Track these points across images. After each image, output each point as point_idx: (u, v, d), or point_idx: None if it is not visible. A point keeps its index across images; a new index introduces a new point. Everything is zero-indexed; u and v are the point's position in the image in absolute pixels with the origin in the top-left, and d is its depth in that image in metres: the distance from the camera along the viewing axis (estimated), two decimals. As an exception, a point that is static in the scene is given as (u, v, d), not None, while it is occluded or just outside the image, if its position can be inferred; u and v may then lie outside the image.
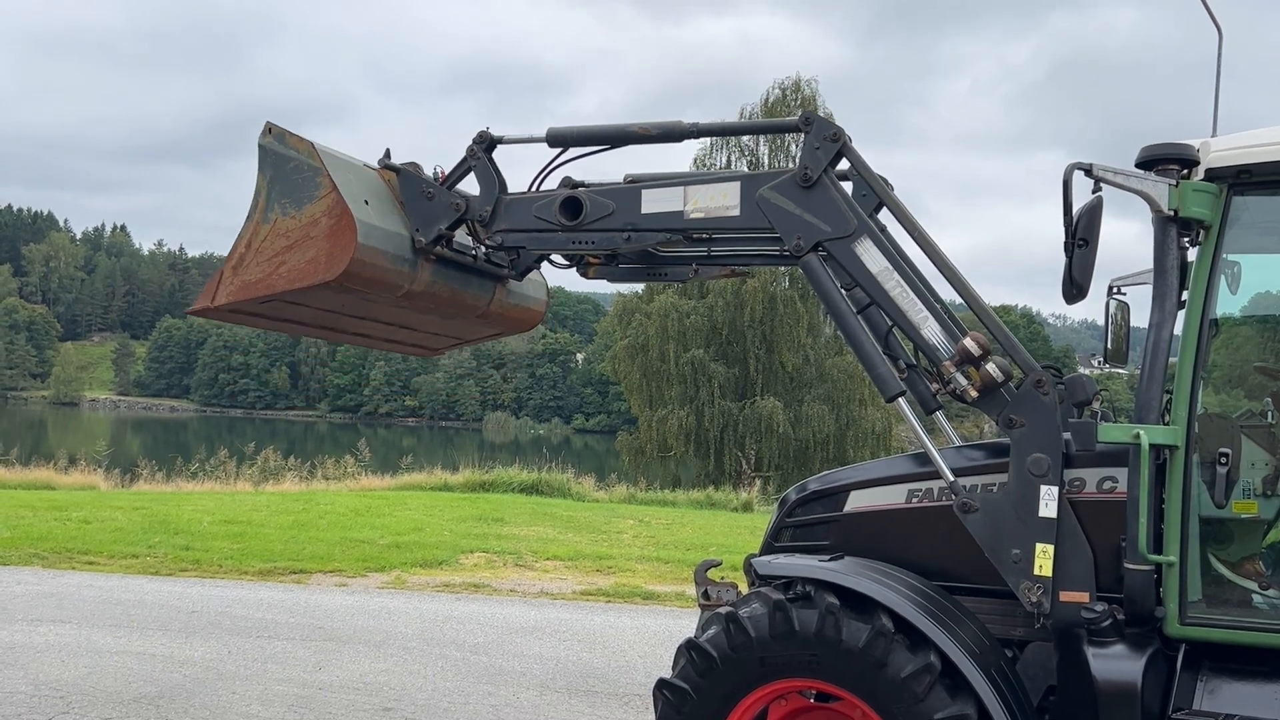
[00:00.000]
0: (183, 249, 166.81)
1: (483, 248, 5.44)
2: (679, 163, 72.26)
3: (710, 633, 4.56)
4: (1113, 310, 5.23)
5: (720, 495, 22.79)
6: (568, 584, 12.37)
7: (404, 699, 7.58)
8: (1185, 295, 4.49)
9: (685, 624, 7.42)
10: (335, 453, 28.20)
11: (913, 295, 4.69)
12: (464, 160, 5.24)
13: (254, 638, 9.19)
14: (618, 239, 5.09)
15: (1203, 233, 4.42)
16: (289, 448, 35.83)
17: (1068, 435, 4.51)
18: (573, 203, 5.09)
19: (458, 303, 5.63)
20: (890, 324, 5.04)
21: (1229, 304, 4.81)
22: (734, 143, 39.26)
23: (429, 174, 5.32)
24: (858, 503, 5.08)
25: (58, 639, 8.89)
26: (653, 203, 5.03)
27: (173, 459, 27.86)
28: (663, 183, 5.09)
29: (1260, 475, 4.69)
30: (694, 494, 23.11)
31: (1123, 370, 6.07)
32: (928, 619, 4.29)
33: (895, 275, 4.70)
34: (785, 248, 4.86)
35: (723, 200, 4.93)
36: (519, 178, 5.27)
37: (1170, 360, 4.43)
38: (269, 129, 5.10)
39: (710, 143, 38.16)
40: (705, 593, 5.28)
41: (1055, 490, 4.43)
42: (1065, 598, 4.41)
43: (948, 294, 4.88)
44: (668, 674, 4.66)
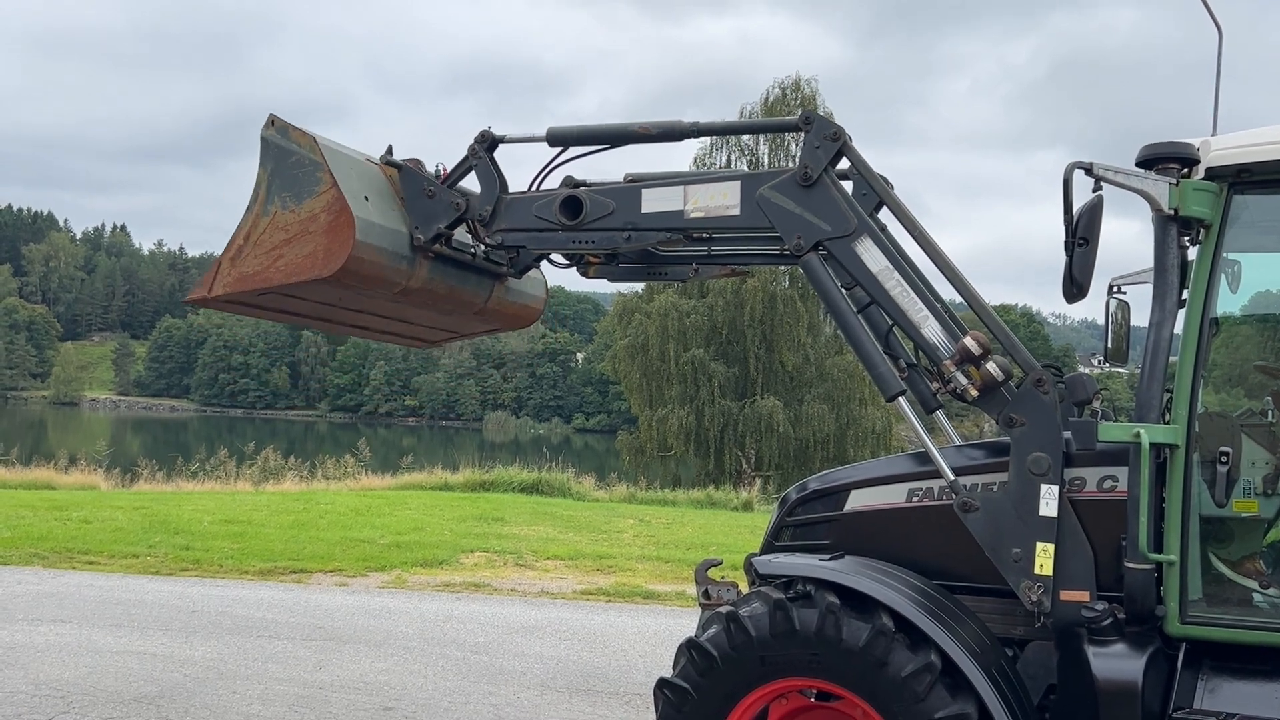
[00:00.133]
0: (183, 249, 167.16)
1: (482, 246, 5.44)
2: (679, 162, 72.23)
3: (711, 632, 4.56)
4: (1113, 309, 5.23)
5: (720, 495, 22.78)
6: (568, 583, 12.37)
7: (404, 698, 7.58)
8: (1185, 294, 4.49)
9: (686, 623, 7.41)
10: (335, 452, 28.21)
11: (913, 294, 4.69)
12: (465, 159, 5.24)
13: (254, 637, 9.19)
14: (618, 238, 5.09)
15: (1203, 232, 4.42)
16: (289, 447, 35.85)
17: (1068, 434, 4.51)
18: (573, 202, 5.09)
19: (455, 299, 5.63)
20: (890, 323, 5.04)
21: (1229, 303, 4.81)
22: (734, 142, 39.24)
23: (431, 171, 5.32)
24: (858, 502, 5.08)
25: (58, 639, 8.89)
26: (653, 202, 5.03)
27: (173, 459, 27.89)
28: (663, 182, 5.09)
29: (1260, 474, 4.69)
30: (694, 493, 23.10)
31: (1123, 369, 6.07)
32: (928, 618, 4.29)
33: (895, 274, 4.70)
34: (785, 247, 4.86)
35: (723, 199, 4.93)
36: (520, 177, 5.28)
37: (1170, 359, 4.43)
38: (272, 121, 5.10)
39: (710, 142, 38.17)
40: (706, 592, 5.28)
41: (1056, 489, 4.43)
42: (1066, 597, 4.41)
43: (948, 293, 4.88)
44: (668, 673, 4.66)
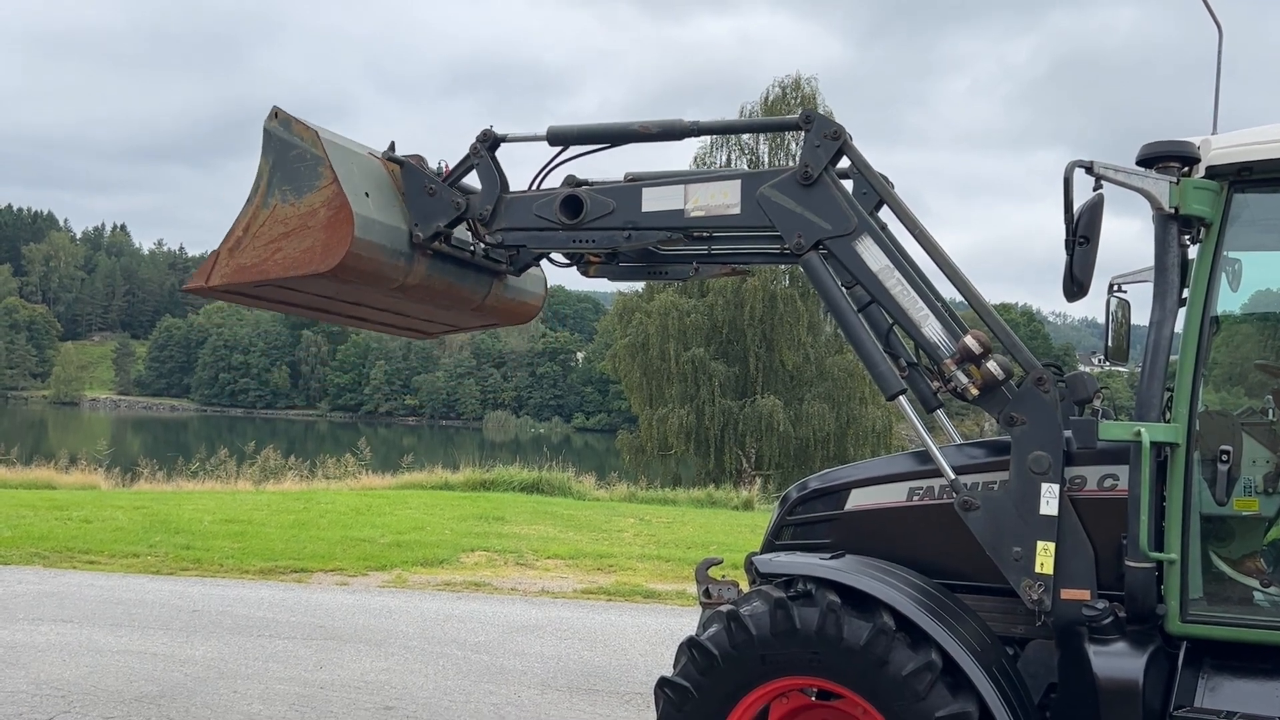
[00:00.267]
0: (183, 248, 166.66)
1: (481, 244, 5.44)
2: (679, 161, 72.27)
3: (711, 631, 4.56)
4: (1113, 308, 5.23)
5: (721, 494, 22.79)
6: (569, 582, 12.37)
7: (405, 698, 7.58)
8: (1186, 293, 4.49)
9: (686, 622, 7.41)
10: (336, 452, 28.20)
11: (913, 293, 4.69)
12: (467, 158, 5.24)
13: (255, 637, 9.19)
14: (618, 237, 5.09)
15: (1203, 230, 4.42)
16: (289, 447, 35.83)
17: (1069, 433, 4.51)
18: (573, 201, 5.09)
19: (453, 295, 5.63)
20: (891, 322, 5.03)
21: (1230, 302, 4.80)
22: (734, 141, 39.24)
23: (434, 168, 5.32)
24: (859, 501, 5.08)
25: (59, 638, 8.89)
26: (653, 201, 5.03)
27: (173, 458, 27.93)
28: (663, 181, 5.09)
29: (1261, 473, 4.68)
30: (694, 492, 23.11)
31: (1123, 368, 6.06)
32: (929, 617, 4.29)
33: (896, 273, 4.70)
34: (786, 246, 4.86)
35: (723, 198, 4.93)
36: (520, 176, 5.29)
37: (1171, 358, 4.43)
38: (275, 114, 5.10)
39: (710, 141, 38.17)
40: (706, 591, 5.27)
41: (1056, 488, 4.43)
42: (1066, 595, 4.41)
43: (948, 292, 4.88)
44: (669, 672, 4.66)
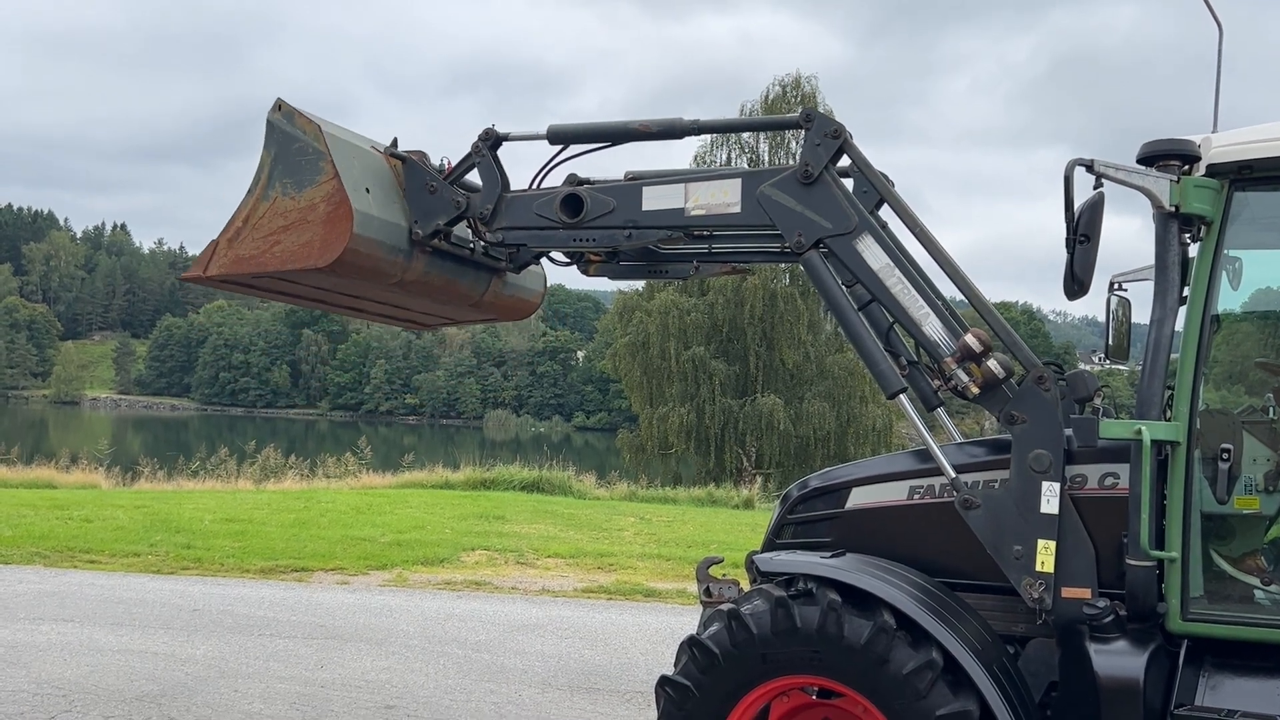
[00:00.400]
0: (183, 247, 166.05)
1: (481, 241, 5.45)
2: (679, 160, 72.25)
3: (712, 630, 4.56)
4: (1114, 306, 5.22)
5: (721, 492, 22.78)
6: (569, 581, 12.37)
7: (406, 697, 7.58)
8: (1187, 291, 4.49)
9: (687, 621, 7.41)
10: (336, 451, 28.19)
11: (914, 292, 4.69)
12: (468, 156, 5.25)
13: (256, 636, 9.19)
14: (619, 236, 5.09)
15: (1204, 229, 4.42)
16: (290, 446, 35.80)
17: (1069, 431, 4.51)
18: (574, 200, 5.09)
19: (451, 291, 5.64)
20: (891, 320, 5.03)
21: (1230, 300, 4.80)
22: (734, 140, 39.23)
23: (436, 164, 5.32)
24: (860, 499, 5.08)
25: (60, 637, 8.90)
26: (654, 200, 5.03)
27: (174, 458, 27.93)
28: (664, 180, 5.09)
29: (1262, 471, 4.68)
30: (695, 491, 23.10)
31: (1124, 366, 6.05)
32: (930, 615, 4.29)
33: (896, 272, 4.70)
34: (786, 244, 4.87)
35: (724, 197, 4.93)
36: (521, 175, 5.29)
37: (1172, 356, 4.43)
38: (279, 105, 5.09)
39: (711, 140, 38.15)
40: (707, 590, 5.27)
41: (1057, 486, 4.43)
42: (1067, 594, 4.41)
43: (949, 290, 4.88)
44: (670, 671, 4.66)
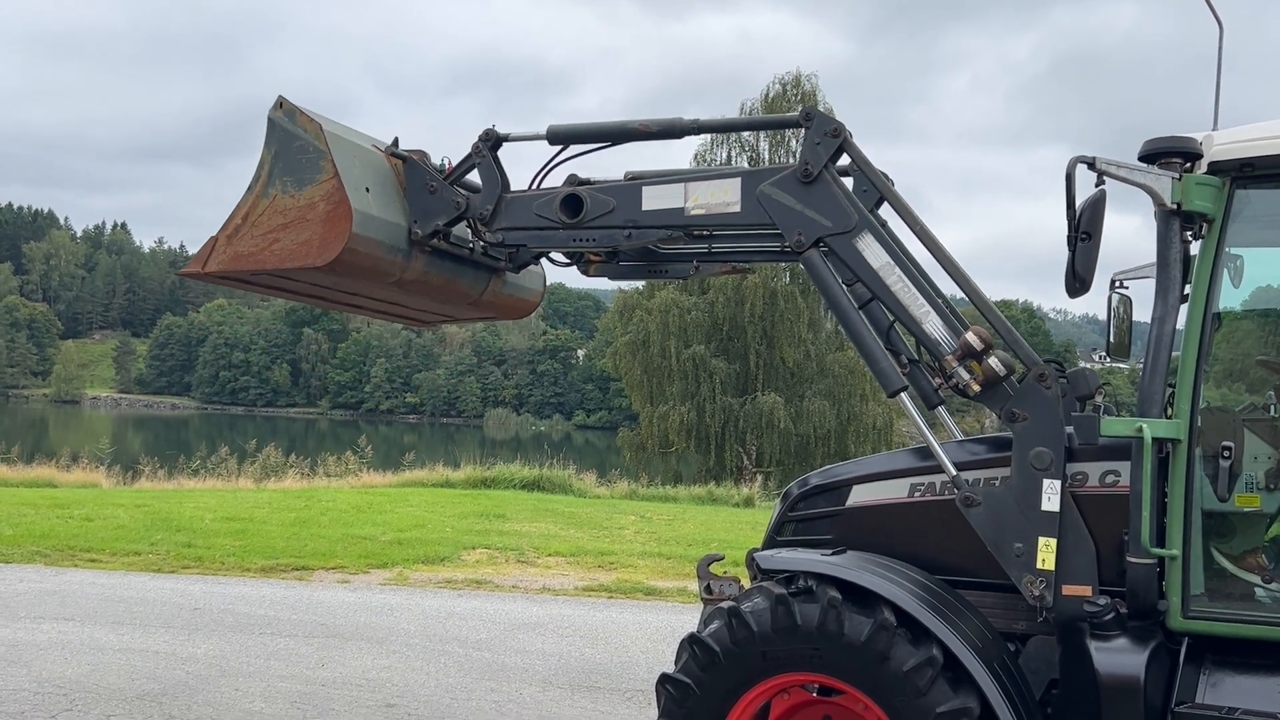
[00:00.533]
0: (183, 246, 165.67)
1: (480, 242, 5.45)
2: (679, 159, 72.28)
3: (713, 627, 4.56)
4: (1115, 304, 5.22)
5: (721, 491, 22.76)
6: (570, 580, 12.37)
7: (406, 695, 7.59)
8: (1188, 289, 4.48)
9: (687, 619, 7.41)
10: (336, 450, 28.16)
11: (914, 290, 4.69)
12: (469, 157, 5.25)
13: (256, 634, 9.20)
14: (619, 236, 5.09)
15: (1206, 226, 4.42)
16: (290, 445, 35.79)
17: (1070, 429, 4.51)
18: (573, 200, 5.09)
19: (450, 291, 5.65)
20: (892, 319, 5.03)
21: (1231, 298, 4.80)
22: (734, 138, 39.26)
23: (437, 163, 5.32)
24: (860, 497, 5.08)
25: (60, 636, 8.90)
26: (653, 200, 5.03)
27: (174, 456, 27.93)
28: (663, 179, 5.09)
29: (1263, 469, 4.68)
30: (695, 489, 23.09)
31: (1125, 364, 6.06)
32: (930, 613, 4.29)
33: (896, 270, 4.70)
34: (786, 243, 4.87)
35: (723, 196, 4.93)
36: (522, 173, 5.28)
37: (1173, 354, 4.43)
38: (280, 103, 5.10)
39: (711, 138, 38.16)
40: (708, 587, 5.28)
41: (1058, 484, 4.43)
42: (1068, 591, 4.41)
43: (949, 289, 4.88)
44: (670, 669, 4.66)
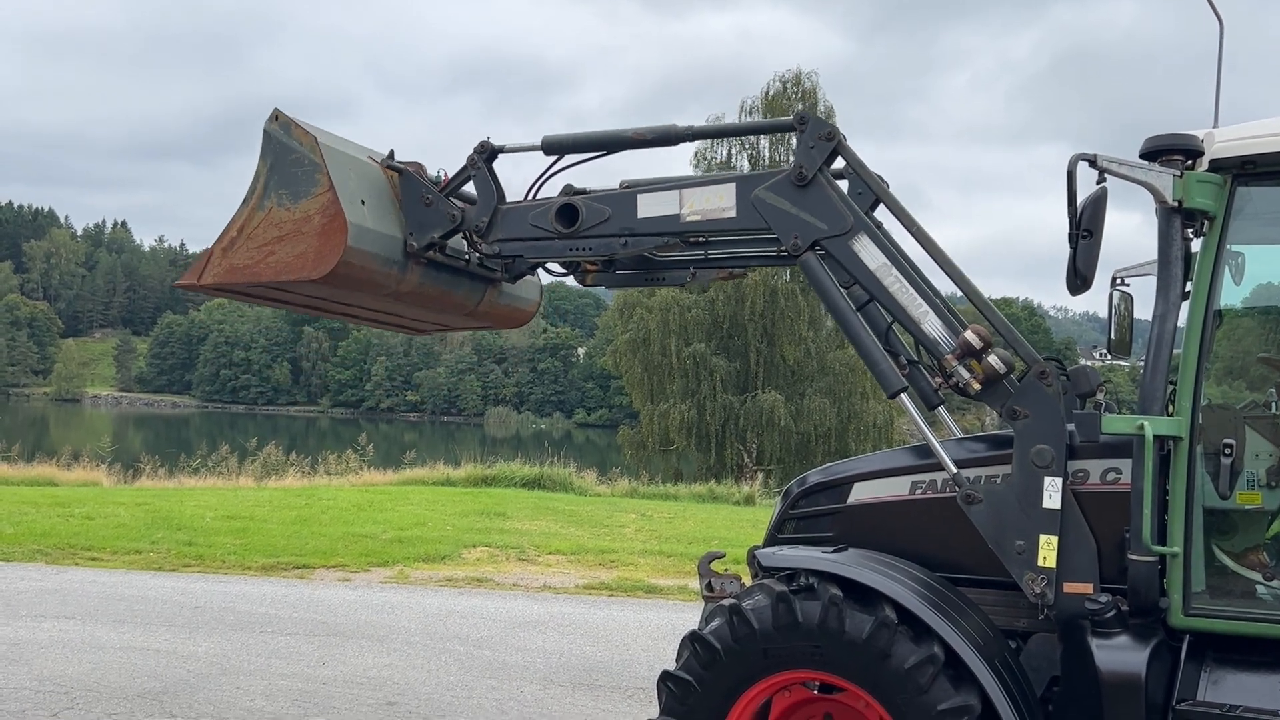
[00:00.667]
0: (184, 245, 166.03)
1: (476, 253, 5.44)
2: (679, 159, 72.26)
3: (714, 625, 4.56)
4: (1116, 301, 5.21)
5: (722, 489, 22.77)
6: (570, 578, 12.38)
7: (407, 693, 7.59)
8: (1189, 286, 4.48)
9: (688, 617, 7.41)
10: (337, 448, 28.14)
11: (912, 290, 4.69)
12: (464, 169, 5.26)
13: (257, 633, 9.20)
14: (615, 244, 5.10)
15: (1207, 224, 4.41)
16: (291, 443, 35.73)
17: (1071, 426, 4.51)
18: (568, 210, 5.10)
19: (446, 301, 5.65)
20: (890, 320, 5.03)
21: (1232, 295, 4.80)
22: (734, 137, 39.23)
23: (433, 175, 5.32)
24: (861, 494, 5.08)
25: (61, 635, 8.90)
26: (648, 207, 5.03)
27: (175, 455, 27.92)
28: (658, 187, 5.09)
29: (1264, 466, 4.68)
30: (696, 487, 23.10)
31: (1126, 362, 6.06)
32: (931, 610, 4.29)
33: (893, 271, 4.70)
34: (783, 247, 4.87)
35: (718, 202, 4.93)
36: (520, 179, 5.27)
37: (1174, 352, 4.43)
38: (276, 116, 5.10)
39: (710, 137, 38.12)
40: (709, 585, 5.28)
41: (1059, 481, 4.43)
42: (1069, 589, 4.41)
43: (947, 289, 4.87)
44: (671, 667, 4.66)
